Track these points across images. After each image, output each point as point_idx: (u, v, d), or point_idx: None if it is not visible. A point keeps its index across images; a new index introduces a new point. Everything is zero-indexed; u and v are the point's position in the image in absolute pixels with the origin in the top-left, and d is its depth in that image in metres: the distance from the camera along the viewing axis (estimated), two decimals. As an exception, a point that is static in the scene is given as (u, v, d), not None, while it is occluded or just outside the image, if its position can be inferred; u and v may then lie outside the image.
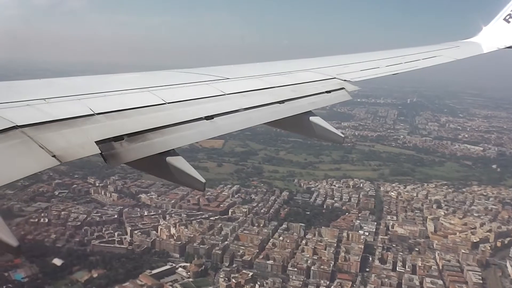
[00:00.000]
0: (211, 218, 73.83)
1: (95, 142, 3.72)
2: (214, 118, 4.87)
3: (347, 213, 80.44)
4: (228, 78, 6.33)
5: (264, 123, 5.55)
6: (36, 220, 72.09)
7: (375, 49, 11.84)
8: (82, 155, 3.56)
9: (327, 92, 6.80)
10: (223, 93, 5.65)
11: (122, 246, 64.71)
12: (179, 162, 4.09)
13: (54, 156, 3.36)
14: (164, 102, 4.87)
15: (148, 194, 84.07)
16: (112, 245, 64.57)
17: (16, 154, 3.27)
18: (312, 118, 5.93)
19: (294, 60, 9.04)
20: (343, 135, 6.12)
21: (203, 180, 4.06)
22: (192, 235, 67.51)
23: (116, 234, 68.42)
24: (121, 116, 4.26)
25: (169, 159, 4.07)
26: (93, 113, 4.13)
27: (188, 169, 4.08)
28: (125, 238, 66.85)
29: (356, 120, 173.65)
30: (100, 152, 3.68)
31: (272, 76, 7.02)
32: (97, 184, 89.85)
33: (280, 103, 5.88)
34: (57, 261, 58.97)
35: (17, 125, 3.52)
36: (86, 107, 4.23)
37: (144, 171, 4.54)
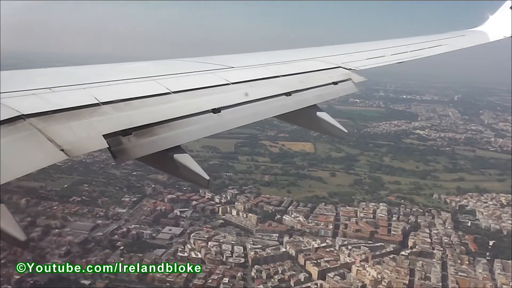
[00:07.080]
0: (402, 254, 58.82)
1: (103, 135, 3.52)
2: (221, 111, 4.55)
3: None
4: (232, 67, 5.89)
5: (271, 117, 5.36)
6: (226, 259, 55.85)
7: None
8: (90, 149, 3.40)
9: (333, 83, 6.40)
10: (229, 82, 5.23)
11: (328, 298, 49.23)
12: (185, 159, 3.89)
13: (62, 150, 3.19)
14: (169, 91, 4.53)
15: (293, 216, 68.66)
16: (312, 296, 49.17)
17: (25, 147, 3.10)
18: (319, 114, 5.64)
19: (299, 49, 8.65)
20: (346, 131, 5.78)
21: (207, 178, 3.86)
22: (401, 279, 52.54)
23: (302, 277, 52.88)
24: (127, 107, 4.01)
25: (176, 156, 3.86)
26: (98, 102, 3.88)
27: (194, 166, 3.88)
28: (321, 285, 51.29)
29: (424, 120, 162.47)
30: (108, 146, 3.48)
31: (277, 65, 6.52)
32: (216, 200, 73.90)
33: (287, 95, 5.52)
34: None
35: (22, 114, 3.31)
36: (91, 96, 3.96)
37: (150, 166, 4.27)
